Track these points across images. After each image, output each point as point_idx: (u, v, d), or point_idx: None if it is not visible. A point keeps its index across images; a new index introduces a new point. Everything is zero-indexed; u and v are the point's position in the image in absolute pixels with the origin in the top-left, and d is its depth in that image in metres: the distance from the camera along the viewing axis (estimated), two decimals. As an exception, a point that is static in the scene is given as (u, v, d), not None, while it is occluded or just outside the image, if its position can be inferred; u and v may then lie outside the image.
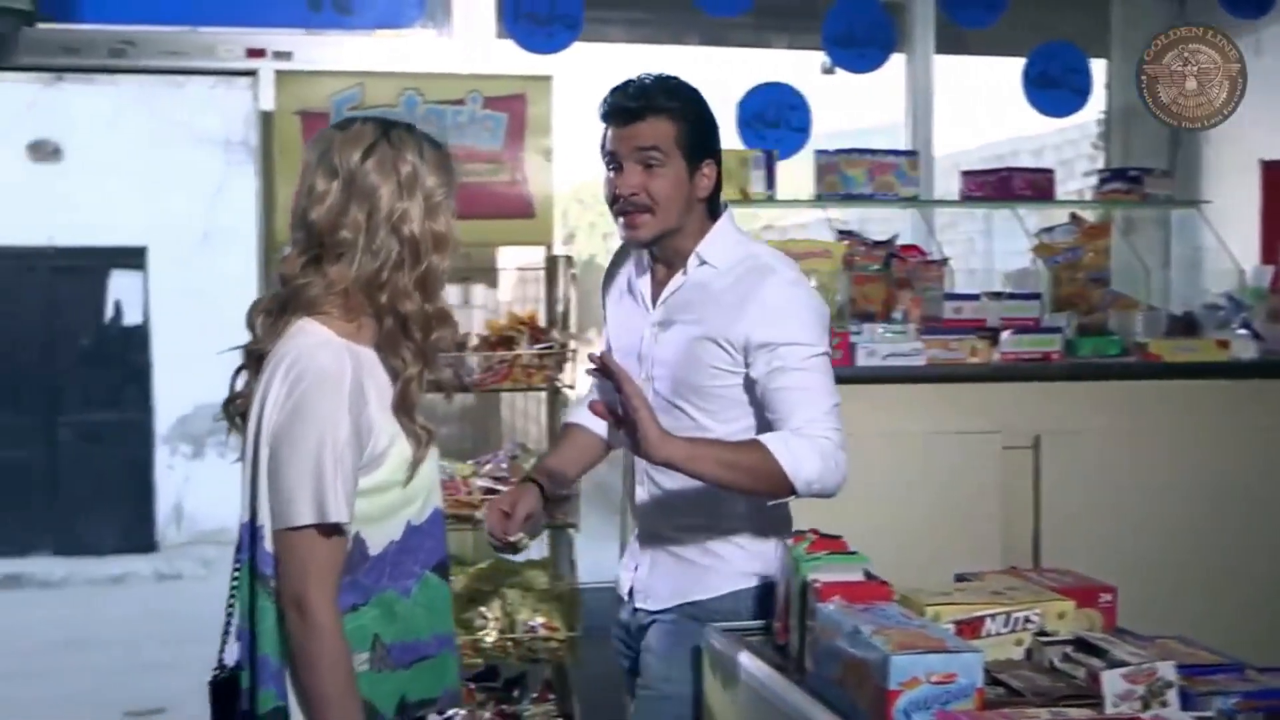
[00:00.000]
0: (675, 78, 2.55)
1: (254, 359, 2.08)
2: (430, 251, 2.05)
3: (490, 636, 3.86)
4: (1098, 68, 5.56)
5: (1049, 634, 2.18)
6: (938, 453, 3.77)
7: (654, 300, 2.60)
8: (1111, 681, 1.92)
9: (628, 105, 2.50)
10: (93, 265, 10.16)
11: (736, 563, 2.54)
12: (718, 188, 2.58)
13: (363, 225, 2.03)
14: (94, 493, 9.81)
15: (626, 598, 2.66)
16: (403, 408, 2.05)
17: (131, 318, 10.26)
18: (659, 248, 2.57)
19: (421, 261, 2.05)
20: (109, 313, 10.30)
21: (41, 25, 4.03)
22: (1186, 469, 4.00)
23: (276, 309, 2.07)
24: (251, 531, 2.02)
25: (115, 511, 9.77)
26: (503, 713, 4.00)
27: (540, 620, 3.89)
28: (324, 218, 2.03)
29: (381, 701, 2.03)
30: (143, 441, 10.04)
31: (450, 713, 2.18)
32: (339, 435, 1.95)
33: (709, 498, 2.47)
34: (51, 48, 4.23)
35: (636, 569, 2.64)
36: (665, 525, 2.59)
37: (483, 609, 3.88)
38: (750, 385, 2.47)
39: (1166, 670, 1.93)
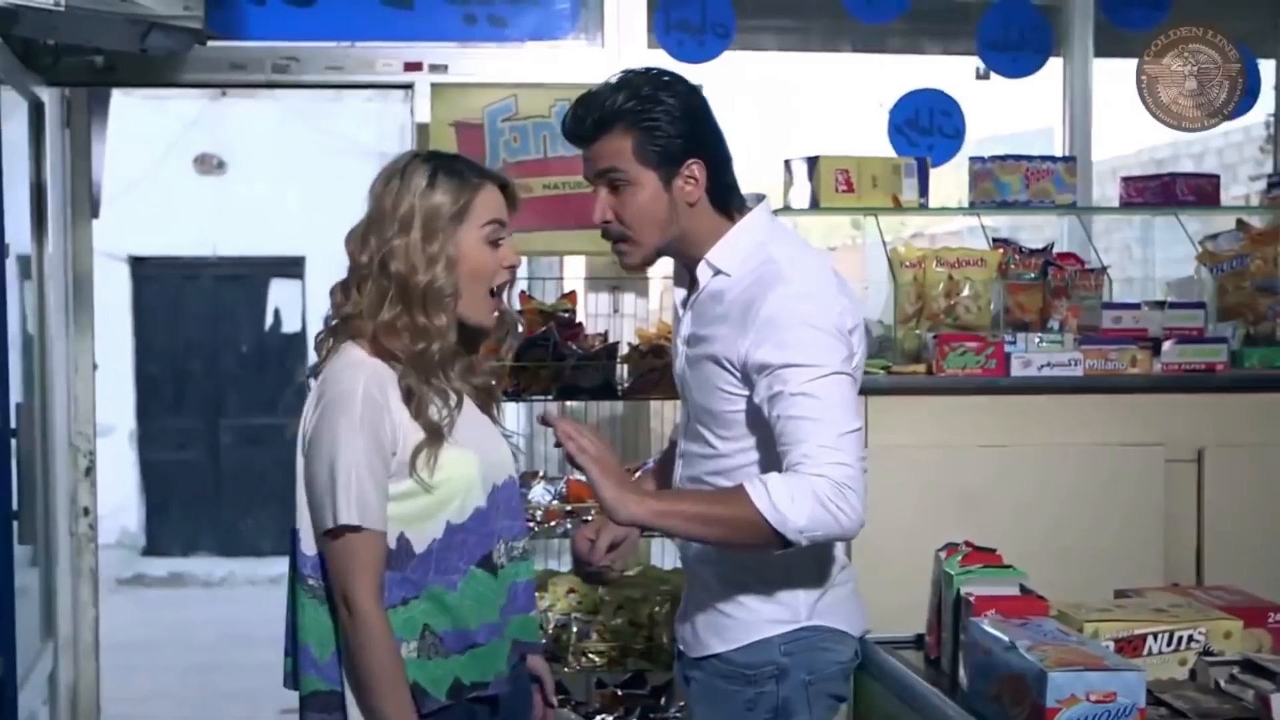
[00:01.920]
0: (635, 75, 2.28)
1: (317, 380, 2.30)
2: (420, 272, 2.20)
3: (638, 644, 3.88)
4: (1266, 69, 5.37)
5: (1214, 654, 2.11)
6: (1097, 466, 3.69)
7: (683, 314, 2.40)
8: (1282, 705, 1.86)
9: (577, 130, 2.28)
10: (254, 274, 10.49)
11: (761, 611, 2.32)
12: (721, 184, 2.30)
13: (374, 249, 2.21)
14: (254, 495, 10.10)
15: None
16: (414, 413, 2.19)
17: (290, 325, 10.55)
18: (677, 258, 2.37)
19: (408, 286, 2.20)
20: (269, 320, 10.61)
21: (211, 43, 4.15)
22: (1359, 485, 3.85)
23: (331, 334, 2.28)
24: (292, 535, 2.23)
25: (274, 514, 10.04)
26: (650, 720, 4.01)
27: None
28: (352, 245, 2.26)
29: (432, 685, 2.19)
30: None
31: None
32: (352, 446, 2.13)
33: None
34: (219, 64, 4.36)
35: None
36: (693, 562, 2.43)
37: (631, 616, 3.90)
38: (758, 410, 2.20)
39: (1341, 695, 1.87)
